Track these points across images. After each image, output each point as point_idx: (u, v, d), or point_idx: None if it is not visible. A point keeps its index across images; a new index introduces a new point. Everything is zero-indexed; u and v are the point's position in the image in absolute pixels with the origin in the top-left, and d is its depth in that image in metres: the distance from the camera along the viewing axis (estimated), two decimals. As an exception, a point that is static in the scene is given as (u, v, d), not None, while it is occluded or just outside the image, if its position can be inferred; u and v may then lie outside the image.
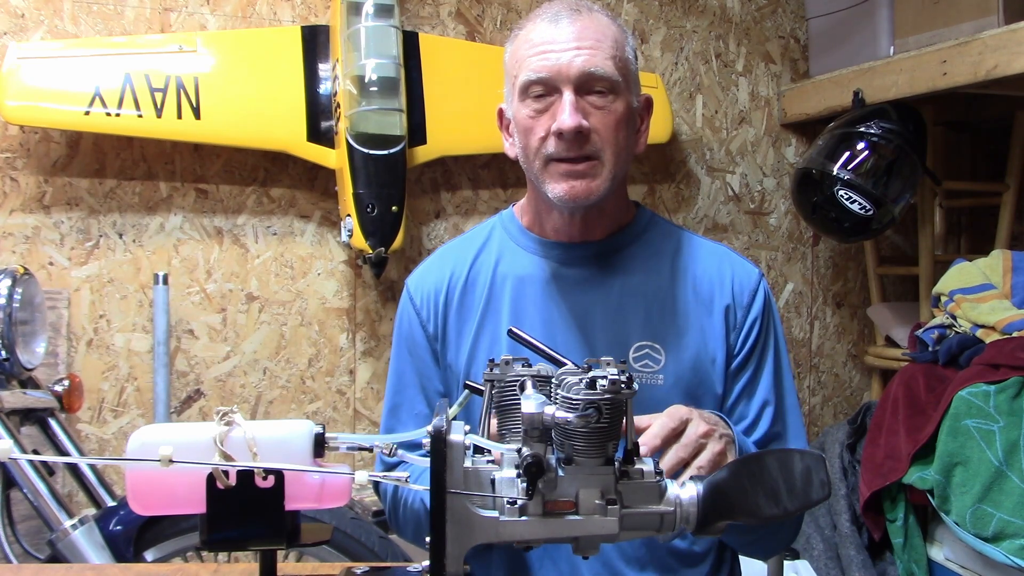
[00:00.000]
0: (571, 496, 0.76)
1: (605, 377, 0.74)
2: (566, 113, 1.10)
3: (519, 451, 0.76)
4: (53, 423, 1.75)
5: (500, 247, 1.26)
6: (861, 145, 2.31)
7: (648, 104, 1.23)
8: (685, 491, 0.78)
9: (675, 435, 0.97)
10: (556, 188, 1.13)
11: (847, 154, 2.32)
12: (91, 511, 1.67)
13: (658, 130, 2.52)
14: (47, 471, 1.63)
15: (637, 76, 1.20)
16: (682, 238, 1.25)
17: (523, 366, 0.87)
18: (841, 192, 2.28)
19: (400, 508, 1.20)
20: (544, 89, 1.13)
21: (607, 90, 1.12)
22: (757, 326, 1.19)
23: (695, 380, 1.17)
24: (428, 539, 0.75)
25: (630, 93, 1.16)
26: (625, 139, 1.15)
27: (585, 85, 1.12)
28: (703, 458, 0.97)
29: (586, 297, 1.19)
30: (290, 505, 0.83)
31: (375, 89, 2.17)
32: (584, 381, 0.75)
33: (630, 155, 1.19)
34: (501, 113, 1.25)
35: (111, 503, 1.70)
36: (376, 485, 1.24)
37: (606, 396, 0.74)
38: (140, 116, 2.12)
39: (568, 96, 1.11)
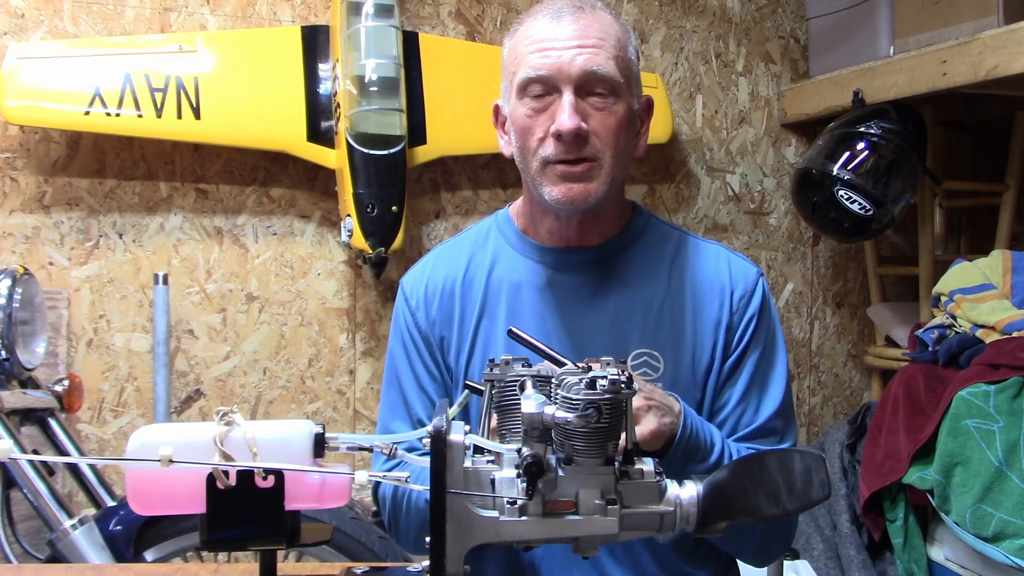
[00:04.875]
0: (571, 496, 0.76)
1: (605, 377, 0.74)
2: (565, 114, 1.07)
3: (519, 451, 0.76)
4: (53, 423, 1.75)
5: (495, 250, 1.23)
6: (861, 145, 2.31)
7: (649, 106, 1.21)
8: (685, 491, 0.78)
9: None
10: (553, 191, 1.11)
11: (847, 154, 2.31)
12: (91, 511, 1.67)
13: (658, 130, 2.52)
14: (47, 471, 1.63)
15: (639, 77, 1.17)
16: (679, 240, 1.23)
17: (523, 366, 0.86)
18: (841, 192, 2.28)
19: (403, 510, 1.16)
20: (543, 88, 1.10)
21: (608, 91, 1.10)
22: (753, 324, 1.17)
23: (694, 385, 1.16)
24: (428, 539, 0.75)
25: (631, 95, 1.14)
26: (625, 142, 1.13)
27: (586, 85, 1.09)
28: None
29: (583, 305, 1.17)
30: (290, 505, 0.83)
31: (375, 89, 2.17)
32: (584, 381, 0.75)
33: (629, 158, 1.16)
34: (497, 110, 1.21)
35: (111, 503, 1.70)
36: (375, 491, 1.22)
37: (606, 396, 0.74)
38: (140, 116, 2.12)
39: (568, 97, 1.08)
